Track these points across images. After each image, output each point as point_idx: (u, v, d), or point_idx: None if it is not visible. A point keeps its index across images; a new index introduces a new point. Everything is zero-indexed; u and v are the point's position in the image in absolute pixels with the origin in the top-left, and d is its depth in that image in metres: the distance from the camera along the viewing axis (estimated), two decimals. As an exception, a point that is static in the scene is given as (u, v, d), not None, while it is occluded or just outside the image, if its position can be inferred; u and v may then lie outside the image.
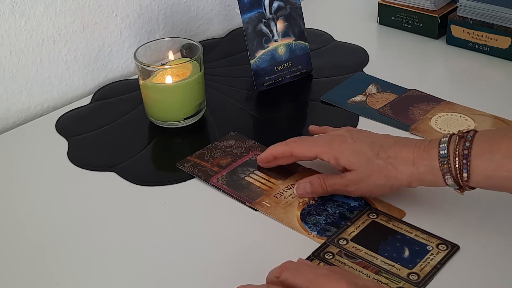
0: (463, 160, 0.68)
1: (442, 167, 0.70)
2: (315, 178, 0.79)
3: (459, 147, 0.69)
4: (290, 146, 0.80)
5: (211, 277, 0.70)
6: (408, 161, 0.72)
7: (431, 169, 0.71)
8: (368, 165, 0.74)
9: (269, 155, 0.83)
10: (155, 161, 0.90)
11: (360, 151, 0.75)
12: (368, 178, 0.74)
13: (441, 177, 0.70)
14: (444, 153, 0.70)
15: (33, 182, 0.86)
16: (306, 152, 0.79)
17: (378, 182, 0.74)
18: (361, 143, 0.75)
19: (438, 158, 0.70)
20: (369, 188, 0.75)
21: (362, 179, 0.75)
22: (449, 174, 0.70)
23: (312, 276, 0.61)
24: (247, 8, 0.99)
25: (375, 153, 0.74)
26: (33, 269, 0.72)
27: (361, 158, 0.75)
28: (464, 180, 0.69)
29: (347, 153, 0.75)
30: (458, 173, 0.69)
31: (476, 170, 0.68)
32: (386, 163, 0.73)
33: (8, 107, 0.99)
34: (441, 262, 0.70)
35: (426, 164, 0.71)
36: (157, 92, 0.92)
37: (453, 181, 0.70)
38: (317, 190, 0.78)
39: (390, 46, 1.17)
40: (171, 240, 0.75)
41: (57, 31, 1.01)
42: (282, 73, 1.03)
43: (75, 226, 0.78)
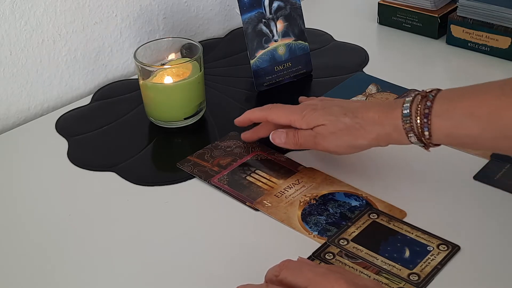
0: (424, 119, 0.71)
1: (405, 126, 0.72)
2: (290, 130, 0.82)
3: (421, 106, 0.71)
4: (266, 112, 0.84)
5: (212, 277, 0.70)
6: (374, 121, 0.75)
7: (396, 128, 0.73)
8: (336, 122, 0.78)
9: (246, 118, 0.87)
10: (155, 161, 0.90)
11: (329, 113, 0.79)
12: (336, 133, 0.78)
13: (405, 136, 0.73)
14: (406, 113, 0.72)
15: (33, 182, 0.86)
16: (281, 118, 0.83)
17: (345, 138, 0.77)
18: (331, 109, 0.79)
19: (401, 117, 0.73)
20: (336, 143, 0.78)
21: (330, 133, 0.78)
22: (412, 132, 0.72)
23: (311, 275, 0.60)
24: (247, 8, 0.99)
25: (343, 113, 0.78)
26: (33, 269, 0.72)
27: (329, 116, 0.78)
28: (426, 138, 0.72)
29: (317, 116, 0.79)
30: (420, 131, 0.71)
31: (437, 129, 0.71)
32: (353, 122, 0.77)
33: (8, 107, 0.99)
34: (442, 262, 0.70)
35: (390, 123, 0.74)
36: (157, 92, 0.92)
37: (416, 139, 0.73)
38: (290, 140, 0.82)
39: (390, 46, 1.17)
40: (171, 240, 0.75)
41: (57, 31, 1.00)
42: (282, 73, 1.03)
43: (75, 226, 0.78)
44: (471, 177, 0.82)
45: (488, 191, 0.80)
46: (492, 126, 0.68)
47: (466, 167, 0.83)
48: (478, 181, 0.81)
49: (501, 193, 0.79)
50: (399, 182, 0.82)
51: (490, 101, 0.68)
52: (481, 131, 0.68)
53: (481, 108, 0.68)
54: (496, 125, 0.67)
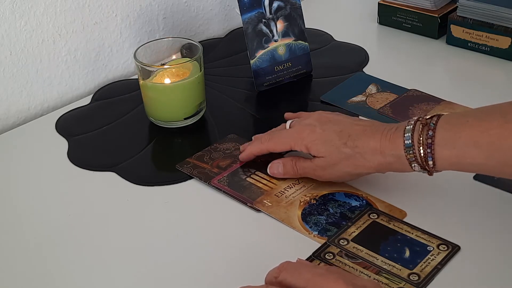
0: (427, 149, 0.70)
1: (408, 156, 0.72)
2: (288, 160, 0.83)
3: (423, 136, 0.70)
4: (266, 145, 0.83)
5: (212, 277, 0.70)
6: (375, 151, 0.74)
7: (398, 158, 0.73)
8: (337, 153, 0.77)
9: (250, 154, 0.85)
10: (155, 161, 0.90)
11: (329, 140, 0.77)
12: (336, 165, 0.77)
13: (408, 165, 0.72)
14: (408, 143, 0.71)
15: (33, 182, 0.86)
16: (281, 146, 0.82)
17: (346, 169, 0.77)
18: (330, 133, 0.78)
19: (403, 148, 0.72)
20: (337, 174, 0.78)
21: (330, 165, 0.78)
22: (416, 162, 0.71)
23: (310, 276, 0.61)
24: (247, 8, 0.99)
25: (343, 143, 0.76)
26: (33, 269, 0.72)
27: (330, 147, 0.77)
28: (430, 167, 0.71)
29: (317, 142, 0.78)
30: (424, 161, 0.71)
31: (441, 158, 0.70)
32: (354, 152, 0.75)
33: (8, 107, 0.99)
34: (442, 262, 0.70)
35: (392, 154, 0.73)
36: (157, 92, 0.92)
37: (420, 168, 0.72)
38: (288, 171, 0.82)
39: (390, 46, 1.17)
40: (171, 240, 0.75)
41: (57, 31, 1.00)
42: (282, 73, 1.03)
43: (75, 226, 0.78)
44: (471, 177, 0.82)
45: (488, 191, 0.80)
46: (495, 154, 0.67)
47: (466, 167, 0.83)
48: (478, 181, 0.81)
49: (501, 193, 0.79)
50: (399, 182, 0.82)
51: (493, 129, 0.67)
52: (485, 159, 0.68)
53: (484, 137, 0.67)
54: (499, 153, 0.67)
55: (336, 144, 0.77)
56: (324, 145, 0.78)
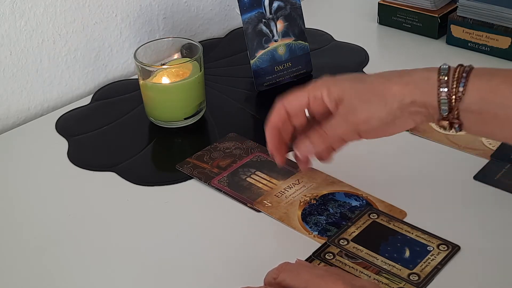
0: (462, 73, 0.66)
1: (440, 78, 0.67)
2: (311, 131, 0.74)
3: (460, 68, 0.67)
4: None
5: (212, 277, 0.70)
6: (403, 73, 0.70)
7: (428, 80, 0.67)
8: (358, 85, 0.71)
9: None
10: (155, 161, 0.90)
11: (350, 78, 0.72)
12: (360, 99, 0.70)
13: (435, 89, 0.66)
14: (444, 67, 0.67)
15: (33, 182, 0.86)
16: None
17: (371, 99, 0.69)
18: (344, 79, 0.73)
19: (437, 70, 0.67)
20: (365, 111, 0.70)
21: (354, 100, 0.70)
22: (445, 85, 0.66)
23: (309, 277, 0.61)
24: (247, 8, 0.99)
25: (366, 76, 0.72)
26: (33, 269, 0.72)
27: (350, 81, 0.72)
28: (458, 95, 0.66)
29: (338, 82, 0.72)
30: (455, 86, 0.66)
31: (473, 88, 0.65)
32: (378, 78, 0.70)
33: (8, 107, 0.99)
34: (442, 262, 0.70)
35: (423, 74, 0.68)
36: (157, 92, 0.92)
37: (446, 96, 0.66)
38: (316, 140, 0.73)
39: (390, 46, 1.17)
40: (171, 240, 0.75)
41: (57, 31, 1.00)
42: (282, 73, 1.03)
43: (75, 226, 0.78)
44: (471, 177, 0.82)
45: (488, 191, 0.80)
46: None
47: (466, 167, 0.83)
48: (478, 181, 0.81)
49: (501, 193, 0.79)
50: (399, 182, 0.82)
51: None
52: None
53: None
54: None
55: (355, 80, 0.71)
56: (343, 82, 0.72)
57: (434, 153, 0.87)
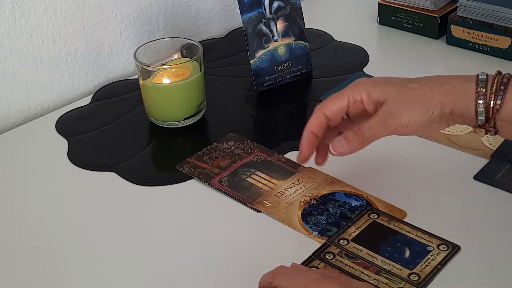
0: (500, 86, 0.68)
1: (478, 89, 0.68)
2: (348, 132, 0.73)
3: (498, 78, 0.68)
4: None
5: (212, 277, 0.70)
6: (443, 81, 0.71)
7: (466, 90, 0.69)
8: (401, 90, 0.72)
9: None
10: (155, 161, 0.90)
11: (390, 81, 0.73)
12: (403, 104, 0.71)
13: (473, 100, 0.68)
14: (482, 78, 0.69)
15: (33, 182, 0.86)
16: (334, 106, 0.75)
17: (414, 105, 0.70)
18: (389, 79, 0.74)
19: (476, 81, 0.69)
20: (407, 117, 0.70)
21: (397, 105, 0.71)
22: (483, 97, 0.68)
23: (305, 281, 0.61)
24: (247, 8, 0.99)
25: (407, 81, 0.73)
26: (33, 270, 0.72)
27: (392, 85, 0.72)
28: (496, 108, 0.67)
29: (379, 85, 0.73)
30: (493, 98, 0.67)
31: (510, 99, 0.67)
32: (420, 85, 0.71)
33: (8, 107, 0.99)
34: (442, 262, 0.70)
35: (462, 84, 0.70)
36: (157, 92, 0.92)
37: (483, 108, 0.68)
38: (353, 141, 0.72)
39: (390, 46, 1.17)
40: (171, 240, 0.75)
41: (57, 31, 1.00)
42: (282, 73, 1.03)
43: (75, 226, 0.78)
44: (471, 177, 0.82)
45: (488, 191, 0.80)
46: None
47: (466, 167, 0.83)
48: (478, 181, 0.81)
49: (501, 193, 0.79)
50: (399, 182, 0.82)
51: None
52: None
53: None
54: None
55: (400, 83, 0.72)
56: (386, 84, 0.73)
57: (434, 153, 0.87)
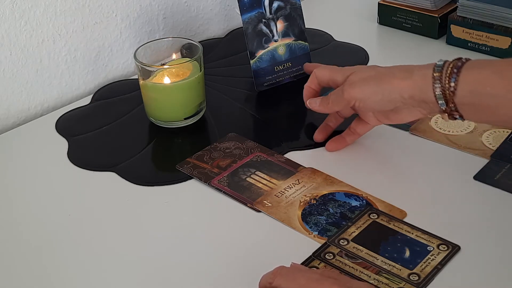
0: (454, 69, 0.71)
1: (434, 74, 0.72)
2: (321, 97, 0.87)
3: (453, 62, 0.73)
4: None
5: (212, 278, 0.70)
6: (406, 68, 0.77)
7: (425, 77, 0.73)
8: (366, 68, 0.81)
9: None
10: (155, 161, 0.90)
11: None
12: (365, 79, 0.79)
13: (431, 86, 0.73)
14: (439, 63, 0.73)
15: (33, 182, 0.86)
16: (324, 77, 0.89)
17: (372, 83, 0.78)
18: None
19: (433, 67, 0.73)
20: (360, 90, 0.79)
21: (356, 78, 0.80)
22: (439, 82, 0.72)
23: (305, 281, 0.61)
24: (247, 8, 0.99)
25: (378, 66, 0.81)
26: (33, 269, 0.72)
27: (360, 66, 0.84)
28: (451, 90, 0.71)
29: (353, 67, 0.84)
30: (447, 82, 0.71)
31: (463, 81, 0.70)
32: (385, 69, 0.78)
33: (8, 107, 0.99)
34: (442, 262, 0.70)
35: (420, 72, 0.74)
36: (157, 92, 0.92)
37: (440, 91, 0.72)
38: (322, 103, 0.85)
39: (390, 46, 1.17)
40: (171, 240, 0.75)
41: (57, 31, 1.00)
42: (282, 73, 1.03)
43: (75, 226, 0.78)
44: (471, 177, 0.82)
45: (488, 191, 0.80)
46: None
47: (466, 167, 0.83)
48: (478, 181, 0.81)
49: (501, 193, 0.79)
50: (399, 182, 0.82)
51: None
52: (506, 92, 0.68)
53: (510, 70, 0.69)
54: None
55: (370, 66, 0.82)
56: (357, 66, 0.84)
57: (434, 153, 0.87)
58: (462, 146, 0.87)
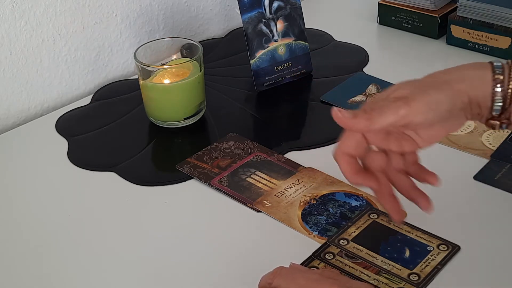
0: None
1: (495, 77, 0.64)
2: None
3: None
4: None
5: (212, 278, 0.70)
6: (456, 70, 0.67)
7: (483, 78, 0.65)
8: (406, 82, 0.67)
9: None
10: (155, 161, 0.90)
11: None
12: (417, 88, 0.65)
13: (489, 88, 0.64)
14: (498, 65, 0.65)
15: (33, 182, 0.86)
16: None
17: (428, 91, 0.64)
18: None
19: (491, 68, 0.65)
20: (422, 102, 0.64)
21: (407, 90, 0.65)
22: (501, 85, 0.64)
23: (304, 282, 0.61)
24: (247, 8, 0.99)
25: (408, 81, 0.67)
26: (33, 269, 0.72)
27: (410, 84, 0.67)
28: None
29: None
30: (511, 86, 0.63)
31: None
32: (432, 76, 0.67)
33: (8, 107, 0.99)
34: (442, 262, 0.70)
35: (476, 72, 0.66)
36: (157, 92, 0.92)
37: (501, 95, 0.64)
38: (360, 114, 0.65)
39: (390, 46, 1.17)
40: (171, 240, 0.75)
41: (57, 31, 1.00)
42: (282, 73, 1.03)
43: (75, 226, 0.78)
44: (471, 177, 0.82)
45: (488, 191, 0.80)
46: None
47: (466, 167, 0.83)
48: (478, 181, 0.81)
49: (501, 193, 0.79)
50: (399, 182, 0.82)
51: None
52: None
53: None
54: None
55: (405, 83, 0.67)
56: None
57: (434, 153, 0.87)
58: (462, 146, 0.87)
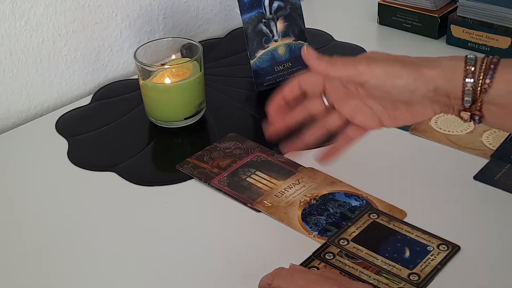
0: (490, 65, 0.64)
1: (467, 68, 0.64)
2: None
3: (487, 58, 0.65)
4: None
5: (212, 278, 0.70)
6: (432, 58, 0.68)
7: (455, 68, 0.65)
8: (390, 56, 0.70)
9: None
10: (155, 161, 0.90)
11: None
12: (388, 59, 0.68)
13: (461, 79, 0.64)
14: (471, 57, 0.65)
15: (33, 182, 0.86)
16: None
17: (395, 64, 0.68)
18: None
19: (464, 60, 0.65)
20: (380, 67, 0.69)
21: (382, 57, 0.69)
22: (472, 76, 0.64)
23: (304, 282, 0.61)
24: (247, 8, 0.99)
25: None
26: (33, 269, 0.72)
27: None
28: (484, 87, 0.63)
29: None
30: (482, 77, 0.63)
31: (500, 80, 0.63)
32: (409, 58, 0.69)
33: (8, 107, 0.99)
34: (442, 262, 0.70)
35: (449, 62, 0.66)
36: (157, 92, 0.92)
37: (471, 86, 0.64)
38: (325, 58, 0.73)
39: (390, 46, 1.17)
40: (171, 240, 0.75)
41: (57, 31, 1.00)
42: (282, 73, 1.03)
43: (75, 226, 0.78)
44: (471, 177, 0.82)
45: (488, 191, 0.80)
46: None
47: (466, 167, 0.83)
48: (478, 181, 0.81)
49: (501, 193, 0.79)
50: (399, 182, 0.82)
51: None
52: None
53: None
54: None
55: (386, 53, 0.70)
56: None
57: (434, 153, 0.87)
58: (462, 146, 0.87)
